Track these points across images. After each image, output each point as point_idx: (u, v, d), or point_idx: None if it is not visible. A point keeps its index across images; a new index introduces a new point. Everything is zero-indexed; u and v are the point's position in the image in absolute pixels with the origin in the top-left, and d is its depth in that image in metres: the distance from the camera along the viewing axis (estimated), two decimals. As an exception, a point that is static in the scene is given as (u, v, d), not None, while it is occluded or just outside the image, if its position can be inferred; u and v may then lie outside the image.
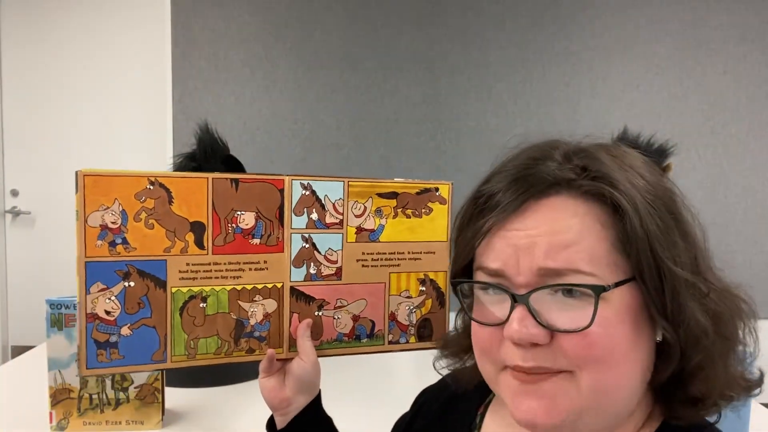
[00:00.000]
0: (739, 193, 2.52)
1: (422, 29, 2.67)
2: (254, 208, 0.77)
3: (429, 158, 2.69)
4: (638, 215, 0.45)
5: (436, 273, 0.87)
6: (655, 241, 0.45)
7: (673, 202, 0.48)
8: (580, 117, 2.63)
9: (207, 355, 0.76)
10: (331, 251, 0.81)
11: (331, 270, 0.81)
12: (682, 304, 0.46)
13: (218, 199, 0.75)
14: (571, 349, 0.45)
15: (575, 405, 0.46)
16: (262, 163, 2.68)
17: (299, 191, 0.79)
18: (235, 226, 0.77)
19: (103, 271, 0.72)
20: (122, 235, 0.72)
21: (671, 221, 0.47)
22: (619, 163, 0.48)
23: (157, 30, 2.79)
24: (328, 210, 0.80)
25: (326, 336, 0.82)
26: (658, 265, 0.45)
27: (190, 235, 0.75)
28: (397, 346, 0.85)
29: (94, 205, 0.71)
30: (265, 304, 0.79)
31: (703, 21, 2.56)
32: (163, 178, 0.73)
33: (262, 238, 0.78)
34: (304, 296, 0.80)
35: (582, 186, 0.47)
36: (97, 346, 0.72)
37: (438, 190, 0.86)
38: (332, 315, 0.82)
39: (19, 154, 3.00)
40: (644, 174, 0.48)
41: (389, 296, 0.84)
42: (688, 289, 0.46)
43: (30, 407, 1.20)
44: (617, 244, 0.46)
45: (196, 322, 0.76)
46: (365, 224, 0.82)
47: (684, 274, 0.45)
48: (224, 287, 0.77)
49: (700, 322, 0.46)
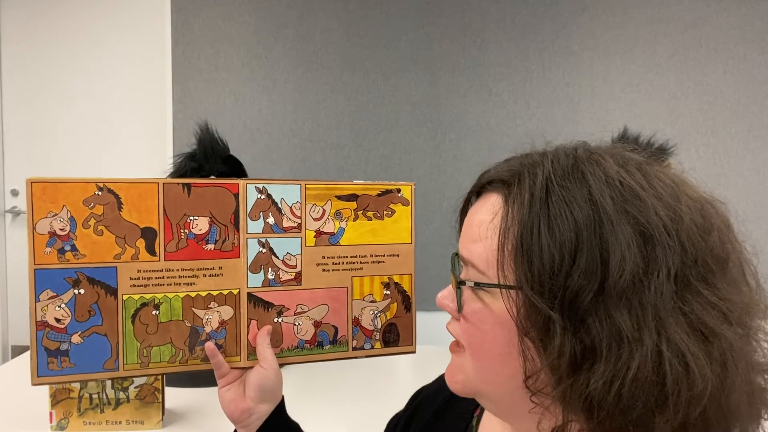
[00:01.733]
0: (739, 193, 2.53)
1: (422, 29, 2.67)
2: (208, 213, 0.75)
3: (429, 158, 2.69)
4: (533, 227, 0.43)
5: (401, 276, 0.84)
6: (547, 258, 0.42)
7: (632, 213, 0.42)
8: (580, 117, 2.63)
9: (161, 363, 0.75)
10: (290, 256, 0.79)
11: (290, 275, 0.79)
12: (586, 321, 0.40)
13: (169, 205, 0.74)
14: (459, 328, 0.51)
15: (467, 381, 0.51)
16: (262, 163, 2.68)
17: (254, 195, 0.77)
18: (187, 231, 0.75)
19: (52, 279, 0.70)
20: (71, 242, 0.71)
21: (591, 238, 0.41)
22: (577, 176, 0.44)
23: (157, 30, 2.79)
24: (285, 214, 0.79)
25: (287, 343, 0.80)
26: (542, 282, 0.42)
27: (141, 241, 0.73)
28: (361, 352, 0.83)
29: (42, 212, 0.70)
30: (221, 311, 0.77)
31: (703, 21, 2.56)
32: (111, 184, 0.72)
33: (217, 244, 0.76)
34: (262, 302, 0.78)
35: (510, 188, 0.47)
36: (47, 354, 0.71)
37: (400, 191, 0.84)
38: (292, 321, 0.80)
39: (19, 154, 3.00)
40: (595, 192, 0.43)
41: (352, 301, 0.82)
42: (600, 306, 0.40)
43: (30, 407, 1.20)
44: (513, 250, 0.44)
45: (149, 329, 0.74)
46: (324, 227, 0.81)
47: (585, 293, 0.41)
48: (177, 294, 0.75)
49: (602, 342, 0.40)
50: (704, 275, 0.42)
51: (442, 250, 2.62)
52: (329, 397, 1.28)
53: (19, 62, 2.96)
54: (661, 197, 0.42)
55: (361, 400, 1.32)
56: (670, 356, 0.39)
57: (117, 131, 2.95)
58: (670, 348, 0.39)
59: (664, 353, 0.39)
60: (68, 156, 2.96)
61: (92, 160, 2.92)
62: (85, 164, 2.91)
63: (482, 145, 2.64)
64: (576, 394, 0.41)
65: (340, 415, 0.85)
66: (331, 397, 1.30)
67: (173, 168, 1.33)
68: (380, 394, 1.37)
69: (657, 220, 0.41)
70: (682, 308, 0.40)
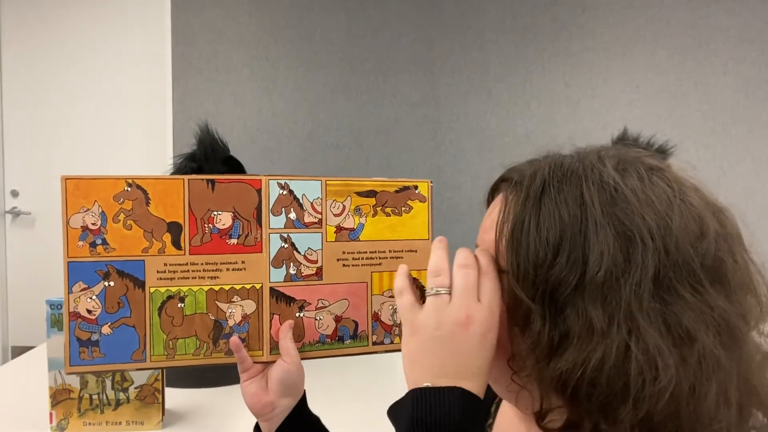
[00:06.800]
0: (739, 193, 2.53)
1: (422, 30, 2.67)
2: (231, 209, 0.77)
3: (429, 158, 2.69)
4: (524, 222, 0.47)
5: (418, 272, 0.83)
6: (532, 251, 0.45)
7: (618, 210, 0.44)
8: (580, 117, 2.63)
9: (186, 355, 0.76)
10: (311, 251, 0.80)
11: (312, 270, 0.80)
12: (564, 312, 0.44)
13: (194, 200, 0.76)
14: None
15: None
16: (263, 163, 2.68)
17: (276, 191, 0.79)
18: (211, 226, 0.77)
19: (84, 271, 0.73)
20: (102, 236, 0.74)
21: (574, 234, 0.44)
22: (574, 181, 0.47)
23: (157, 30, 2.80)
24: (306, 209, 0.80)
25: (308, 338, 0.81)
26: (527, 273, 0.45)
27: (168, 235, 0.75)
28: (381, 347, 0.84)
29: (75, 208, 0.74)
30: (244, 305, 0.78)
31: (703, 21, 2.56)
32: (140, 180, 0.74)
33: (240, 238, 0.77)
34: (284, 297, 0.79)
35: (514, 186, 0.51)
36: (79, 344, 0.73)
37: (417, 188, 0.85)
38: (314, 316, 0.81)
39: (19, 154, 3.00)
40: (586, 194, 0.45)
41: (372, 296, 0.83)
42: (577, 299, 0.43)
43: (30, 407, 1.20)
44: (506, 243, 0.48)
45: (175, 322, 0.76)
46: (344, 223, 0.82)
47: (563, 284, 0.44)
48: (202, 287, 0.77)
49: (575, 331, 0.43)
50: (690, 280, 0.43)
51: (442, 250, 2.63)
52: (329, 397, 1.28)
53: (19, 63, 2.96)
54: (652, 203, 0.44)
55: (361, 400, 1.32)
56: (636, 351, 0.41)
57: (117, 132, 2.95)
58: (638, 343, 0.41)
59: (632, 348, 0.41)
60: (68, 156, 2.96)
61: (92, 161, 2.92)
62: (85, 164, 2.91)
63: (482, 145, 2.64)
64: (549, 375, 0.44)
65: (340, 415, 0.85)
66: (331, 397, 1.30)
67: (173, 169, 1.33)
68: (380, 394, 1.37)
69: (642, 223, 0.43)
70: (660, 309, 0.42)
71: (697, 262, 0.43)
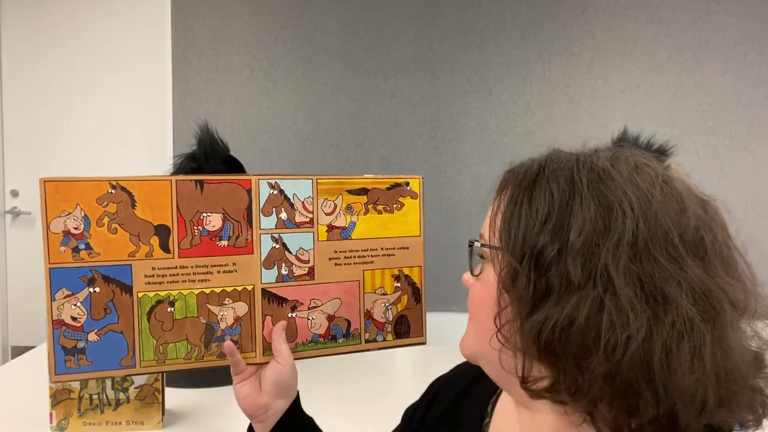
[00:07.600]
0: (739, 193, 2.53)
1: (422, 29, 2.67)
2: (221, 210, 0.76)
3: (429, 158, 2.69)
4: (517, 200, 0.50)
5: (410, 268, 0.85)
6: (523, 224, 0.49)
7: (605, 197, 0.47)
8: (580, 117, 2.63)
9: (177, 360, 0.75)
10: (303, 251, 0.80)
11: (303, 270, 0.80)
12: (549, 273, 0.46)
13: (183, 202, 0.74)
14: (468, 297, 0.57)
15: (468, 344, 0.57)
16: (263, 163, 2.68)
17: (267, 191, 0.77)
18: (201, 228, 0.75)
19: (67, 277, 0.71)
20: (85, 241, 0.71)
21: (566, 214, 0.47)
22: (567, 174, 0.50)
23: (157, 30, 2.80)
24: (297, 209, 0.79)
25: (301, 338, 0.80)
26: (517, 244, 0.49)
27: (155, 238, 0.73)
28: (374, 345, 0.84)
29: (55, 211, 0.70)
30: (236, 307, 0.77)
31: (703, 21, 2.56)
32: (125, 182, 0.72)
33: (230, 240, 0.76)
34: (276, 298, 0.78)
35: (517, 179, 0.53)
36: (65, 352, 0.71)
37: (409, 185, 0.85)
38: (306, 316, 0.80)
39: (19, 154, 3.00)
40: (575, 175, 0.49)
41: (364, 294, 0.83)
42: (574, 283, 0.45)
43: (30, 407, 1.20)
44: (501, 220, 0.52)
45: (165, 326, 0.74)
46: (336, 222, 0.81)
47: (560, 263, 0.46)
48: (192, 291, 0.75)
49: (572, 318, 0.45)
50: (668, 249, 0.45)
51: (442, 249, 2.63)
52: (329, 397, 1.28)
53: (19, 63, 2.96)
54: (636, 183, 0.47)
55: (361, 400, 1.32)
56: (609, 305, 0.44)
57: (117, 132, 2.95)
58: (612, 299, 0.44)
59: (606, 302, 0.44)
60: (68, 156, 2.96)
61: (92, 161, 2.92)
62: (85, 165, 2.91)
63: (482, 145, 2.64)
64: (528, 327, 0.47)
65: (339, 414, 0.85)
66: (331, 397, 1.30)
67: (173, 169, 1.33)
68: (380, 394, 1.37)
69: (623, 196, 0.46)
70: (636, 270, 0.44)
71: (676, 233, 0.45)
